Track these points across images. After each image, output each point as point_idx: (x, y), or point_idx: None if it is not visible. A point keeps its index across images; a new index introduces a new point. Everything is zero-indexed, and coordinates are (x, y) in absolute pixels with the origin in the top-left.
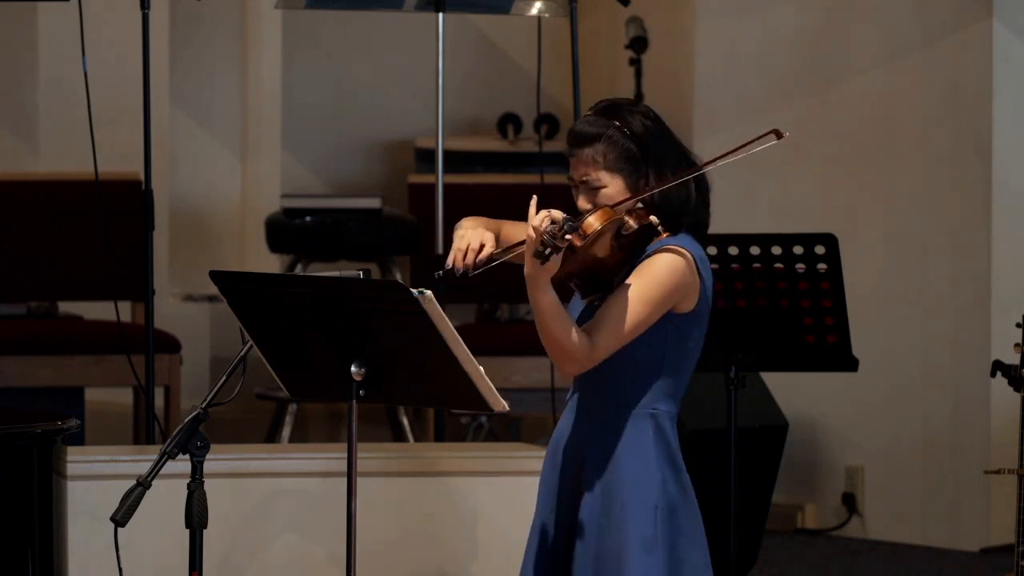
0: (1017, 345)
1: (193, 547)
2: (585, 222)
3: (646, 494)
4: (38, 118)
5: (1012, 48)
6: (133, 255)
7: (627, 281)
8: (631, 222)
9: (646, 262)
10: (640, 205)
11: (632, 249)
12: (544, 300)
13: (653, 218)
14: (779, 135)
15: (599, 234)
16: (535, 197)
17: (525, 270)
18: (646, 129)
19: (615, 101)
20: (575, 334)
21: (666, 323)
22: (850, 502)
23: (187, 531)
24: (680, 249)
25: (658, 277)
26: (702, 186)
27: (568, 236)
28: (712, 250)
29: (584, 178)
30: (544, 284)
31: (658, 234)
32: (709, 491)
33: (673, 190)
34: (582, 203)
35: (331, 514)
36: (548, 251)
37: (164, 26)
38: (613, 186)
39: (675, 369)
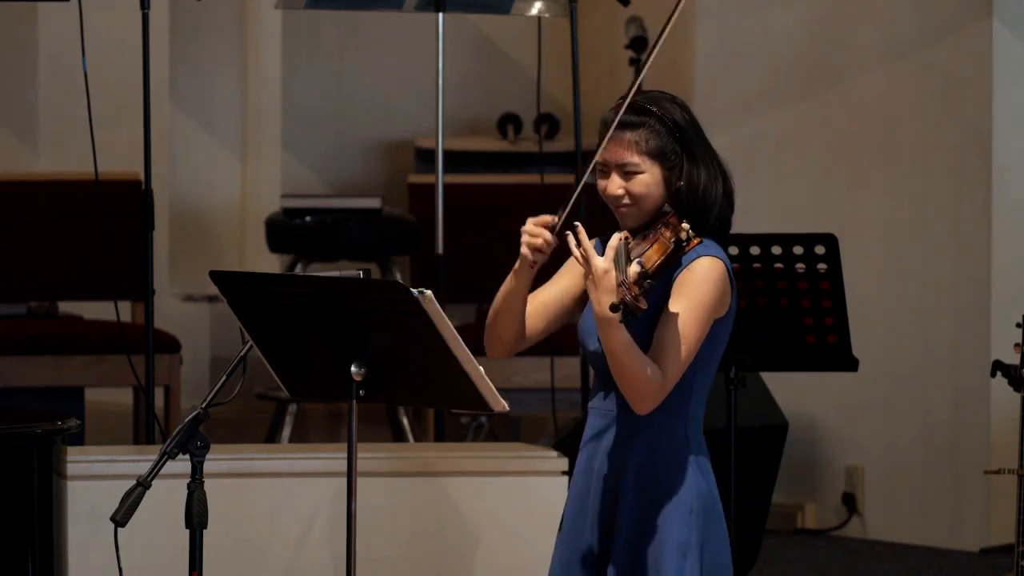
0: (1017, 345)
1: (193, 547)
2: (646, 257)
3: (682, 499)
4: (38, 118)
5: (1012, 48)
6: (133, 255)
7: (673, 299)
8: (677, 237)
9: (687, 276)
10: (672, 213)
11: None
12: (620, 339)
13: (686, 226)
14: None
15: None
16: (581, 231)
17: (598, 312)
18: (685, 122)
19: (656, 92)
20: (649, 369)
21: None
22: (850, 502)
23: (187, 531)
24: (715, 258)
25: (705, 292)
26: (728, 186)
27: (648, 282)
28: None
29: (623, 161)
30: (618, 323)
31: (690, 241)
32: None
33: (705, 189)
34: (611, 187)
35: (331, 514)
36: (620, 304)
37: (164, 26)
38: (651, 173)
39: (705, 370)
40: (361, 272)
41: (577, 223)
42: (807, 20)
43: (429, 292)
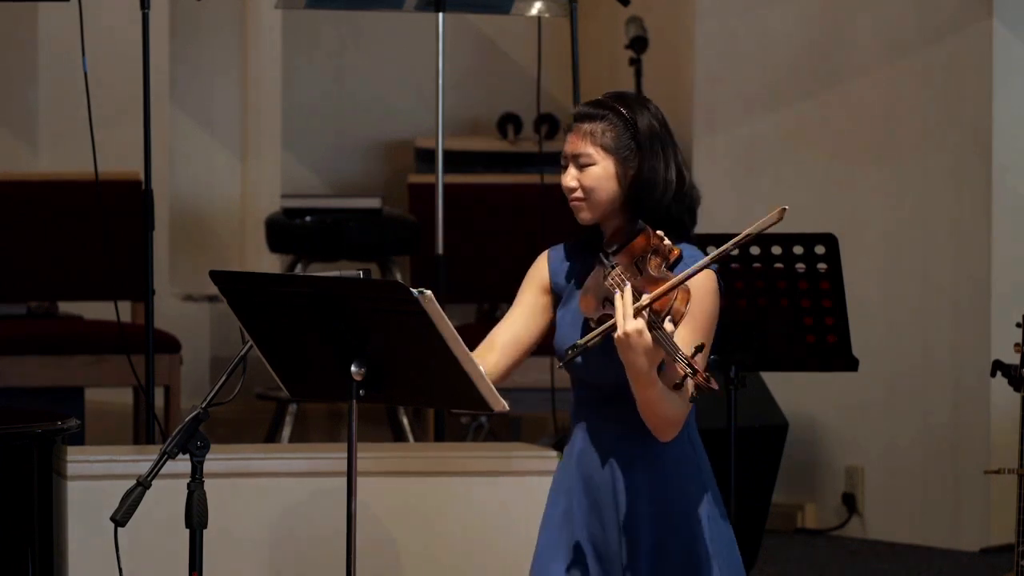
0: (1017, 345)
1: (193, 547)
2: (663, 302)
3: (695, 507)
4: (38, 118)
5: (1012, 48)
6: (133, 255)
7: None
8: (667, 260)
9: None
10: (659, 234)
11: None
12: (656, 391)
13: (661, 234)
14: (781, 214)
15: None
16: (628, 290)
17: (636, 370)
18: (650, 127)
19: (629, 92)
20: (675, 402)
21: None
22: (850, 502)
23: (187, 531)
24: (708, 269)
25: (708, 308)
26: (686, 192)
27: (668, 323)
28: (712, 250)
29: (577, 152)
30: (655, 377)
31: (672, 253)
32: None
33: (655, 187)
34: (566, 179)
35: (331, 514)
36: (683, 378)
37: (164, 26)
38: (603, 167)
39: None
40: (361, 272)
41: (627, 283)
42: (807, 20)
43: (429, 292)
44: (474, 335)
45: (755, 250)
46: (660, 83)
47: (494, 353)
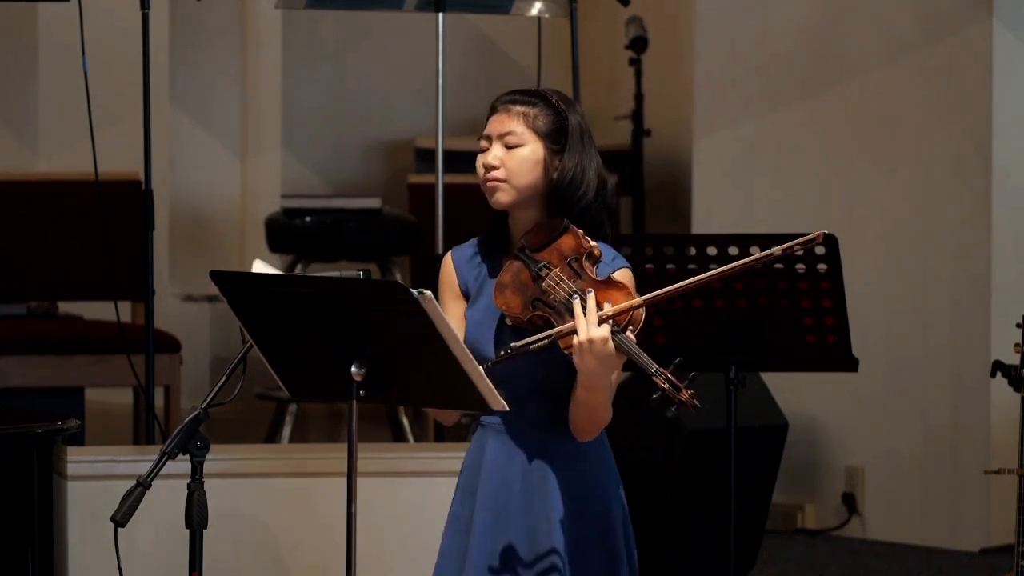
0: (1017, 345)
1: (193, 547)
2: (623, 311)
3: (612, 502)
4: (38, 118)
5: (1012, 48)
6: (133, 255)
7: None
8: (596, 259)
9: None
10: (582, 233)
11: None
12: (604, 397)
13: (581, 232)
14: (824, 238)
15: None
16: (591, 296)
17: (592, 377)
18: (580, 125)
19: (557, 90)
20: (609, 406)
21: None
22: (850, 502)
23: (187, 531)
24: (626, 268)
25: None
26: (604, 193)
27: (631, 331)
28: (712, 250)
29: (507, 130)
30: (608, 383)
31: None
32: (709, 491)
33: (580, 181)
34: (488, 156)
35: (331, 514)
36: (686, 401)
37: (164, 26)
38: (532, 150)
39: None
40: (361, 272)
41: (590, 289)
42: (807, 20)
43: (429, 292)
44: None
45: (755, 250)
46: (660, 83)
47: None
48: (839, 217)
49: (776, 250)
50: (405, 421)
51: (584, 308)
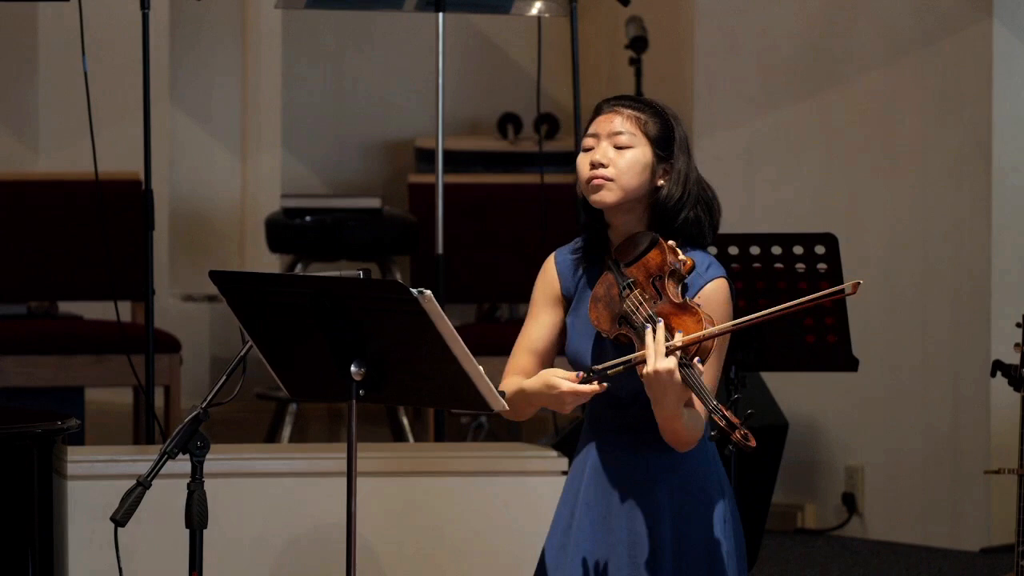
0: (1017, 345)
1: (193, 547)
2: (691, 343)
3: (713, 512)
4: (38, 118)
5: (1012, 48)
6: (133, 255)
7: None
8: (683, 276)
9: (704, 303)
10: (671, 245)
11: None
12: (680, 422)
13: (673, 243)
14: (855, 288)
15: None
16: (661, 327)
17: (662, 406)
18: (684, 137)
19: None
20: (693, 420)
21: None
22: (850, 502)
23: (187, 531)
24: (721, 278)
25: (721, 319)
26: (710, 198)
27: (697, 361)
28: (712, 250)
29: (618, 130)
30: (681, 411)
31: (685, 264)
32: None
33: (685, 191)
34: (597, 154)
35: (331, 514)
36: (738, 441)
37: (164, 26)
38: (642, 153)
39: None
40: (361, 272)
41: (660, 319)
42: (807, 20)
43: (429, 292)
44: (474, 335)
45: (755, 250)
46: (660, 83)
47: (535, 356)
48: (839, 217)
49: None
50: (405, 421)
51: (655, 338)
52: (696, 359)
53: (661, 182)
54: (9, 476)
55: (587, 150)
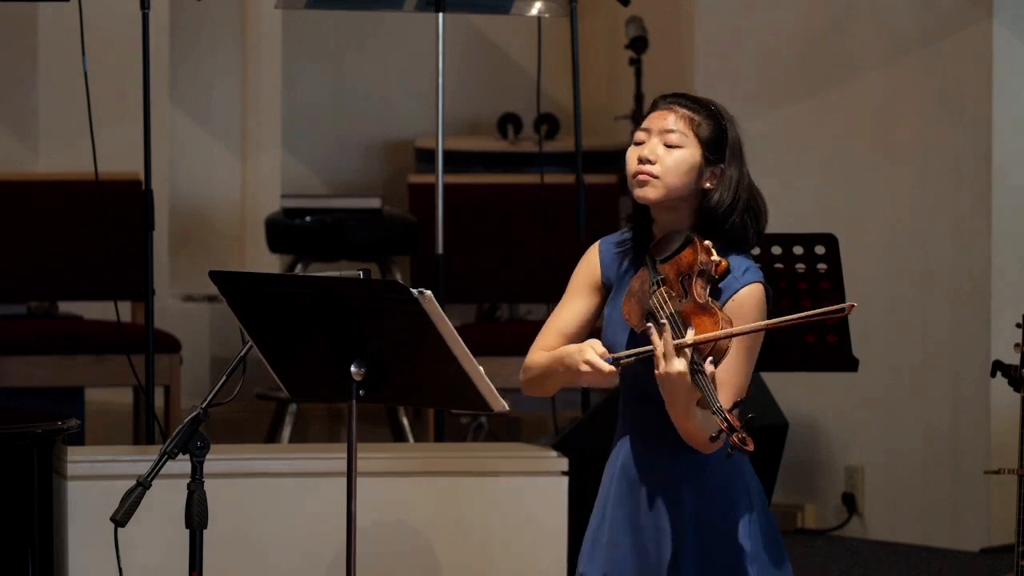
0: (1017, 345)
1: (193, 547)
2: (700, 343)
3: (739, 522)
4: (38, 118)
5: (1012, 48)
6: (133, 255)
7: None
8: (713, 277)
9: (736, 309)
10: (707, 245)
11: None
12: (693, 423)
13: (709, 244)
14: (851, 309)
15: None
16: (668, 334)
17: (673, 406)
18: (738, 140)
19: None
20: (714, 421)
21: None
22: (850, 502)
23: (187, 531)
24: (757, 283)
25: (751, 322)
26: (758, 205)
27: (710, 362)
28: (755, 250)
29: (670, 127)
30: (693, 411)
31: (719, 266)
32: None
33: (734, 198)
34: (646, 151)
35: (331, 514)
36: (719, 435)
37: (164, 26)
38: (691, 154)
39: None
40: (361, 272)
41: (664, 320)
42: (807, 20)
43: (429, 292)
44: (474, 335)
45: (755, 250)
46: (660, 83)
47: (563, 338)
48: (839, 217)
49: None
50: (405, 421)
51: (661, 338)
52: (709, 360)
53: (708, 184)
54: (9, 476)
55: (638, 144)
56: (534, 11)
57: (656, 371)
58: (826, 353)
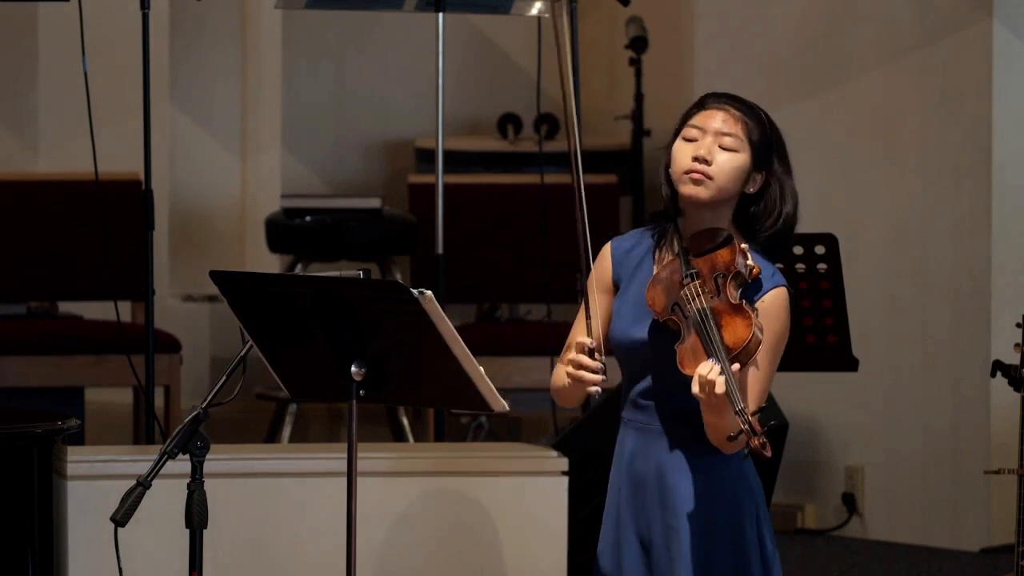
0: (1017, 345)
1: (193, 547)
2: (736, 343)
3: (743, 522)
4: (38, 118)
5: (1012, 48)
6: (133, 255)
7: None
8: (747, 280)
9: (764, 309)
10: (743, 248)
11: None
12: (725, 419)
13: (755, 265)
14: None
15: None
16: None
17: (707, 405)
18: (784, 148)
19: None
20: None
21: None
22: (850, 502)
23: (187, 531)
24: (782, 288)
25: (780, 327)
26: (795, 211)
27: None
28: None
29: (727, 131)
30: (725, 407)
31: (751, 271)
32: None
33: (776, 204)
34: (701, 149)
35: (331, 514)
36: (739, 434)
37: (164, 26)
38: (743, 159)
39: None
40: (361, 272)
41: (715, 363)
42: (807, 20)
43: (429, 292)
44: (474, 335)
45: None
46: (660, 83)
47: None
48: (839, 217)
49: None
50: (405, 421)
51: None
52: (736, 365)
53: (750, 189)
54: (9, 476)
55: (689, 140)
56: (534, 11)
57: (693, 390)
58: (826, 353)
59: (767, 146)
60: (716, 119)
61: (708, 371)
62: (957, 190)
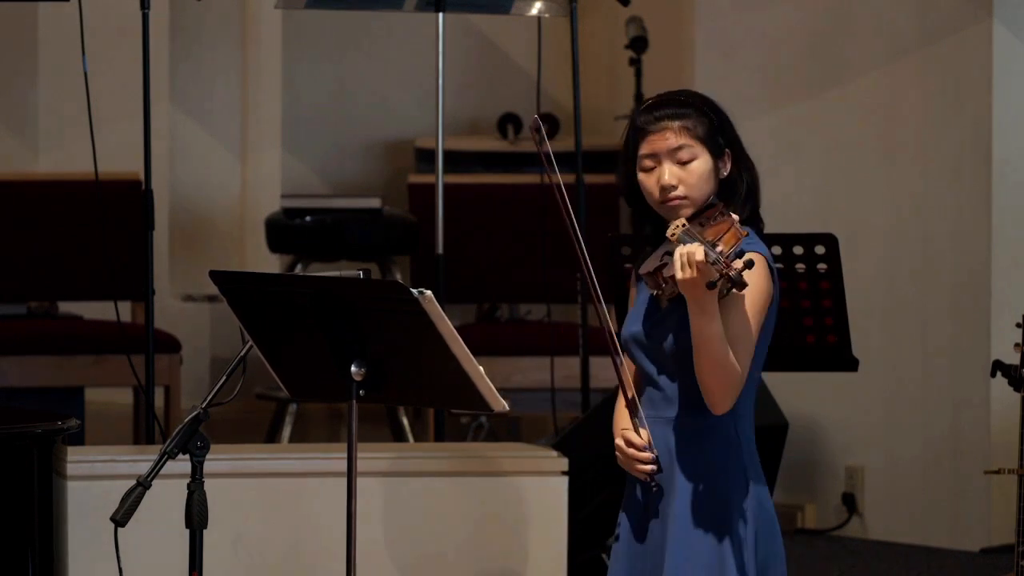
0: (1017, 345)
1: (193, 547)
2: (724, 242)
3: (730, 489)
4: (38, 118)
5: (1012, 48)
6: (133, 255)
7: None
8: (739, 230)
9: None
10: (719, 204)
11: None
12: (716, 330)
13: (736, 216)
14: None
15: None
16: (685, 225)
17: (694, 306)
18: (726, 118)
19: (686, 91)
20: (731, 357)
21: None
22: (850, 502)
23: (187, 531)
24: (759, 254)
25: (758, 288)
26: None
27: (736, 262)
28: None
29: (677, 145)
30: (715, 312)
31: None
32: None
33: (754, 178)
34: (667, 176)
35: (331, 514)
36: (719, 278)
37: (164, 26)
38: (704, 160)
39: (755, 364)
40: (361, 272)
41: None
42: (807, 20)
43: (429, 292)
44: (474, 335)
45: None
46: (660, 83)
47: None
48: (839, 217)
49: None
50: (405, 421)
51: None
52: (720, 247)
53: (724, 173)
54: (9, 476)
55: (647, 170)
56: (534, 11)
57: (674, 267)
58: (826, 353)
59: (715, 131)
60: (662, 141)
61: (685, 248)
62: (957, 190)
